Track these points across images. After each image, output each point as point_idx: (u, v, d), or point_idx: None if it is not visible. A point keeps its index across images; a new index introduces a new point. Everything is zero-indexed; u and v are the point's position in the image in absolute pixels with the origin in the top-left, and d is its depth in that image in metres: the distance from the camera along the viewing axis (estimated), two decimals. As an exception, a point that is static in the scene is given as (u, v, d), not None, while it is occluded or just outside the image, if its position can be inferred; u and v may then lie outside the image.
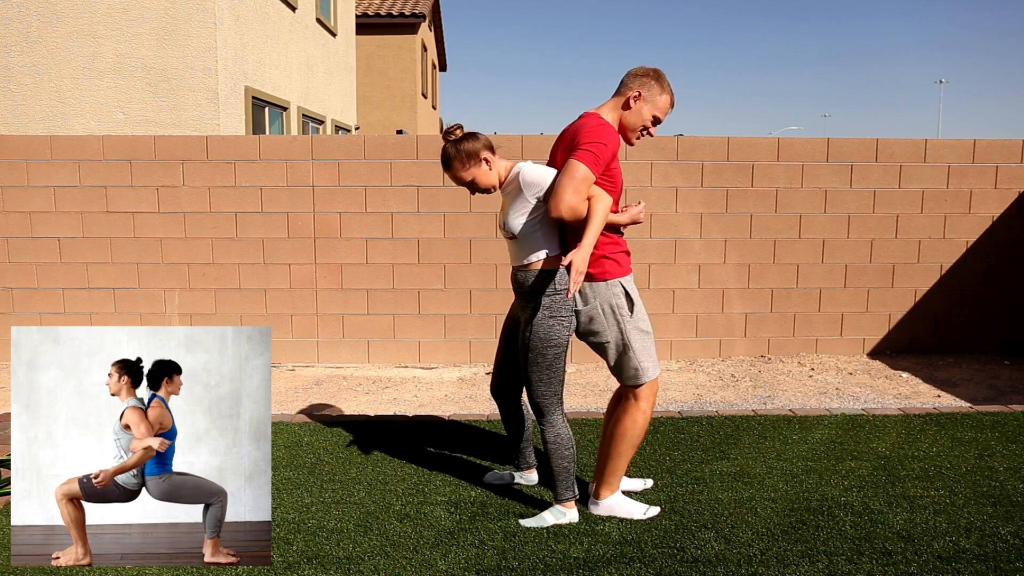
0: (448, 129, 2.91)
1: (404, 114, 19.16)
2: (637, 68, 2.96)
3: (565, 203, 2.72)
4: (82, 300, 5.81)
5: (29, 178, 5.69)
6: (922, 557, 2.76)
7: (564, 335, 2.88)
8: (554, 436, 2.95)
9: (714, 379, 5.43)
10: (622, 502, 3.09)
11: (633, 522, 3.03)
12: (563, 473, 2.98)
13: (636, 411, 2.99)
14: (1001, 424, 4.21)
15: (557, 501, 3.03)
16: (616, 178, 2.91)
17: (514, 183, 2.88)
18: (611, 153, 2.82)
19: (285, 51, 11.05)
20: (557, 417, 2.95)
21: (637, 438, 3.02)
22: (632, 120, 2.92)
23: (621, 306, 2.91)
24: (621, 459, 3.03)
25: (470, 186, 2.93)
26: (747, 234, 5.83)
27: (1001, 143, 5.81)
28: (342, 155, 5.69)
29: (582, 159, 2.74)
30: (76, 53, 8.64)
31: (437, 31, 23.97)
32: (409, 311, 5.84)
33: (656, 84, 2.91)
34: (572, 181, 2.72)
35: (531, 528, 2.98)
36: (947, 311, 6.00)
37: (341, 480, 3.46)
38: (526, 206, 2.83)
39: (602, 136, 2.79)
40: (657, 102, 2.92)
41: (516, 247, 2.90)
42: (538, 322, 2.86)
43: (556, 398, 2.94)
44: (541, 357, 2.88)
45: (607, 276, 2.90)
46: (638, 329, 2.94)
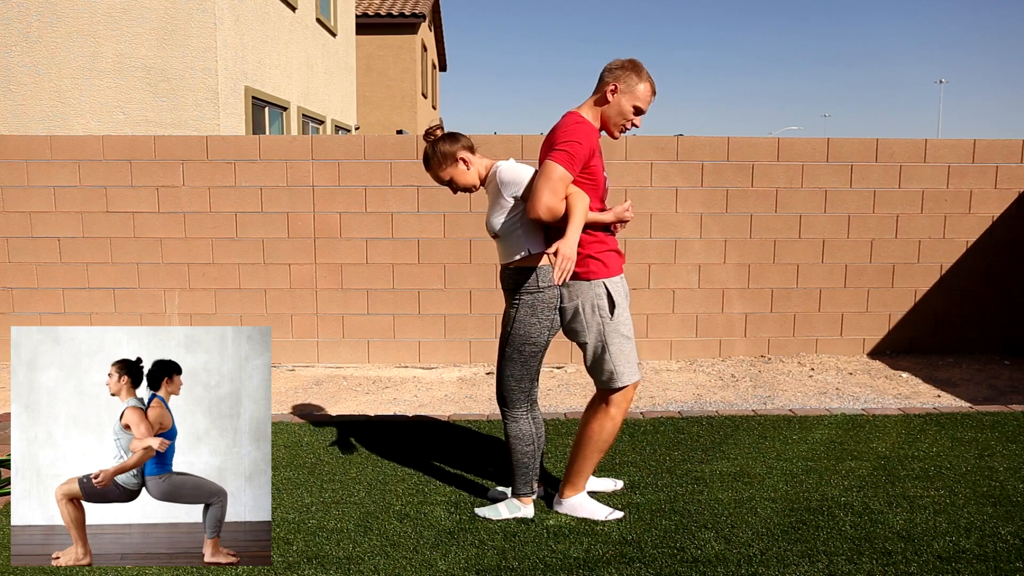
0: (428, 130, 2.96)
1: (404, 114, 19.17)
2: (612, 61, 2.94)
3: (542, 204, 2.73)
4: (82, 300, 5.81)
5: (29, 178, 5.70)
6: (922, 557, 2.76)
7: (544, 335, 2.91)
8: (516, 430, 2.99)
9: (714, 379, 5.44)
10: (585, 502, 3.09)
11: (633, 522, 3.03)
12: (521, 468, 3.02)
13: (605, 416, 2.99)
14: (1001, 424, 4.21)
15: (514, 495, 3.07)
16: (597, 176, 2.89)
17: (493, 183, 2.91)
18: (588, 151, 2.81)
19: (285, 51, 11.05)
20: (521, 412, 2.98)
21: (604, 443, 3.02)
22: (612, 114, 2.91)
23: (602, 307, 2.90)
24: (586, 461, 3.04)
25: (450, 185, 2.96)
26: (747, 234, 5.83)
27: (1001, 143, 5.81)
28: (342, 155, 5.69)
29: (557, 159, 2.75)
30: (76, 53, 8.64)
31: (437, 31, 23.98)
32: (409, 311, 5.84)
33: (633, 74, 2.88)
34: (548, 182, 2.73)
35: (487, 518, 3.04)
36: (947, 311, 6.00)
37: (341, 480, 3.46)
38: (505, 205, 2.86)
39: (577, 134, 2.79)
40: (636, 92, 2.89)
41: (500, 245, 2.94)
42: (520, 318, 2.89)
43: (524, 394, 2.97)
44: (517, 353, 2.91)
45: (590, 276, 2.89)
46: (618, 332, 2.92)
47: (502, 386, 2.98)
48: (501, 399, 3.00)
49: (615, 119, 2.92)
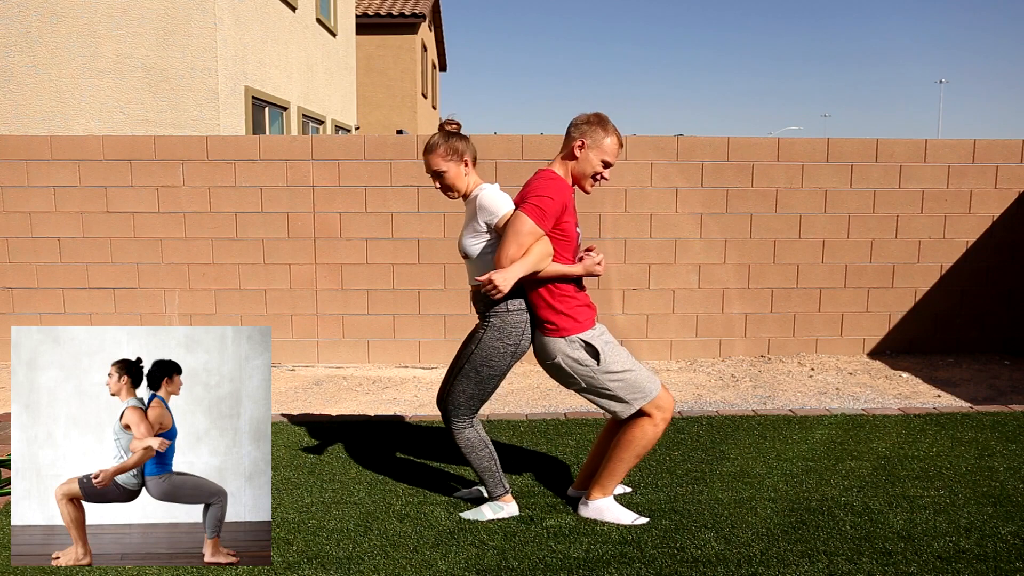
0: (448, 120, 2.99)
1: (404, 114, 19.17)
2: (578, 116, 2.97)
3: (508, 258, 2.77)
4: (82, 300, 5.81)
5: (29, 178, 5.70)
6: (922, 557, 2.76)
7: (506, 360, 2.92)
8: (464, 441, 3.00)
9: (714, 379, 5.44)
10: (612, 507, 3.07)
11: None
12: (487, 472, 3.03)
13: (647, 423, 2.98)
14: (1001, 424, 4.21)
15: (492, 499, 3.08)
16: (569, 232, 2.91)
17: (472, 204, 2.92)
18: (559, 207, 2.83)
19: (285, 51, 11.05)
20: (464, 422, 2.99)
21: (643, 449, 3.00)
22: (582, 168, 2.94)
23: (582, 359, 2.91)
24: (621, 464, 3.02)
25: (439, 177, 2.94)
26: (747, 234, 5.83)
27: (1001, 143, 5.81)
28: (342, 155, 5.69)
29: (527, 212, 2.78)
30: (76, 53, 8.64)
31: (437, 31, 23.97)
32: (409, 311, 5.84)
33: (599, 128, 2.92)
34: (516, 236, 2.77)
35: (471, 521, 3.04)
36: (947, 311, 6.00)
37: (341, 480, 3.46)
38: (479, 229, 2.88)
39: (549, 190, 2.82)
40: (603, 146, 2.92)
41: (470, 267, 2.97)
42: (485, 340, 2.90)
43: (470, 410, 2.99)
44: (475, 372, 2.92)
45: (564, 334, 2.90)
46: (610, 372, 2.92)
47: (450, 399, 2.98)
48: (444, 411, 3.01)
49: (584, 173, 2.95)
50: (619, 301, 5.84)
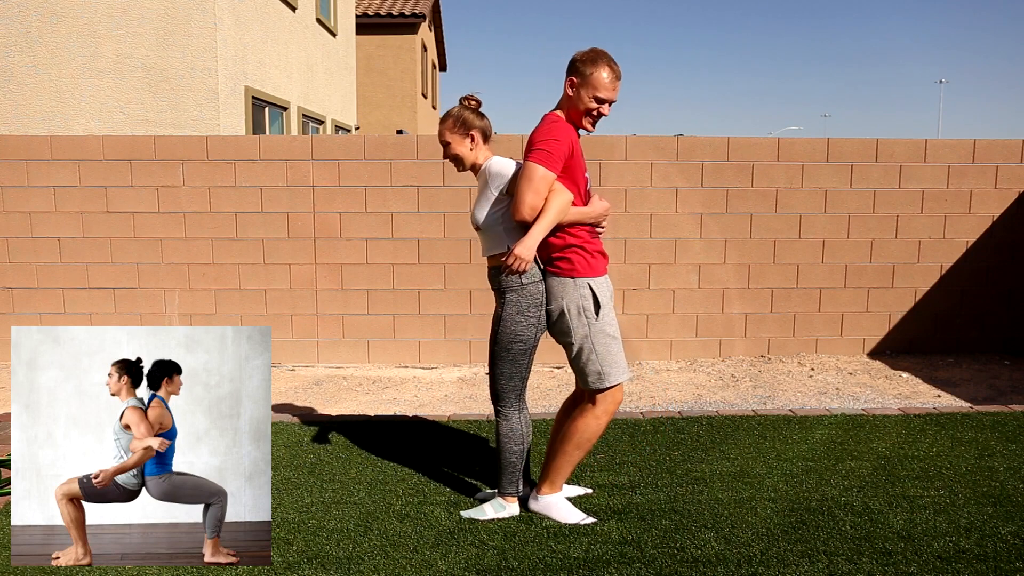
0: (469, 96, 3.02)
1: (404, 114, 19.16)
2: (574, 54, 2.92)
3: (526, 205, 2.75)
4: (82, 300, 5.81)
5: (29, 178, 5.70)
6: (922, 557, 2.76)
7: (531, 332, 2.92)
8: (507, 429, 3.00)
9: (714, 379, 5.43)
10: (560, 503, 3.05)
11: (633, 522, 3.03)
12: (509, 467, 3.03)
13: (591, 415, 2.96)
14: (1001, 424, 4.21)
15: (500, 494, 3.09)
16: (577, 177, 2.89)
17: (483, 175, 2.96)
18: (566, 147, 2.81)
19: (285, 51, 11.05)
20: (512, 411, 3.00)
21: (587, 442, 2.98)
22: (576, 107, 2.89)
23: (587, 308, 2.88)
24: (566, 458, 3.00)
25: (447, 148, 2.99)
26: (747, 234, 5.83)
27: (1001, 143, 5.81)
28: (342, 155, 5.69)
29: (536, 159, 2.77)
30: (76, 53, 8.64)
31: (437, 31, 23.97)
32: (409, 311, 5.84)
33: (589, 63, 2.85)
34: (530, 183, 2.75)
35: (472, 520, 3.03)
36: (947, 311, 6.00)
37: (341, 480, 3.46)
38: (490, 197, 2.90)
39: (554, 132, 2.81)
40: (591, 81, 2.83)
41: (482, 239, 2.99)
42: (507, 317, 2.92)
43: (515, 392, 2.99)
44: (506, 351, 2.94)
45: (575, 274, 2.87)
46: (604, 333, 2.90)
47: (495, 386, 3.02)
48: (494, 396, 3.04)
49: (580, 111, 2.89)
50: (619, 301, 5.84)
